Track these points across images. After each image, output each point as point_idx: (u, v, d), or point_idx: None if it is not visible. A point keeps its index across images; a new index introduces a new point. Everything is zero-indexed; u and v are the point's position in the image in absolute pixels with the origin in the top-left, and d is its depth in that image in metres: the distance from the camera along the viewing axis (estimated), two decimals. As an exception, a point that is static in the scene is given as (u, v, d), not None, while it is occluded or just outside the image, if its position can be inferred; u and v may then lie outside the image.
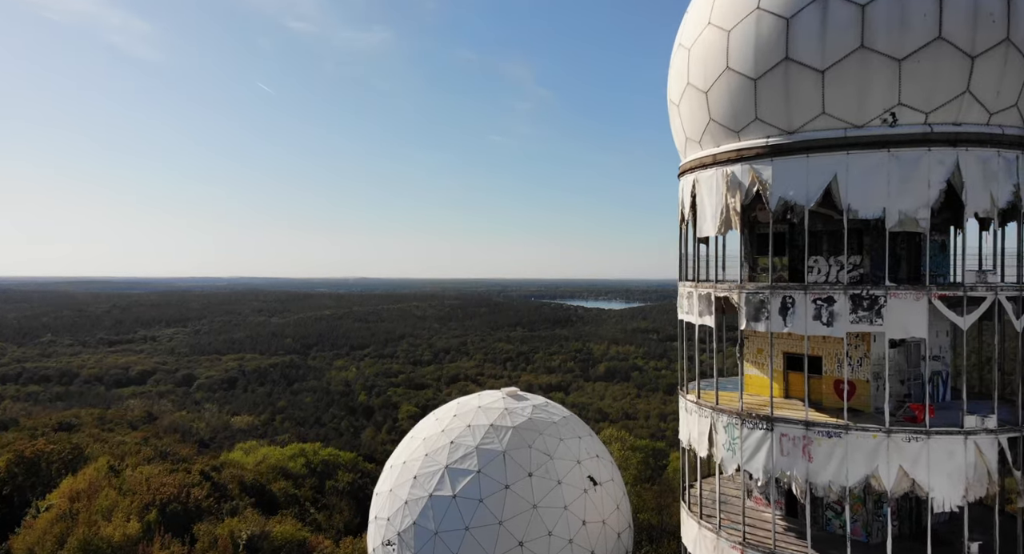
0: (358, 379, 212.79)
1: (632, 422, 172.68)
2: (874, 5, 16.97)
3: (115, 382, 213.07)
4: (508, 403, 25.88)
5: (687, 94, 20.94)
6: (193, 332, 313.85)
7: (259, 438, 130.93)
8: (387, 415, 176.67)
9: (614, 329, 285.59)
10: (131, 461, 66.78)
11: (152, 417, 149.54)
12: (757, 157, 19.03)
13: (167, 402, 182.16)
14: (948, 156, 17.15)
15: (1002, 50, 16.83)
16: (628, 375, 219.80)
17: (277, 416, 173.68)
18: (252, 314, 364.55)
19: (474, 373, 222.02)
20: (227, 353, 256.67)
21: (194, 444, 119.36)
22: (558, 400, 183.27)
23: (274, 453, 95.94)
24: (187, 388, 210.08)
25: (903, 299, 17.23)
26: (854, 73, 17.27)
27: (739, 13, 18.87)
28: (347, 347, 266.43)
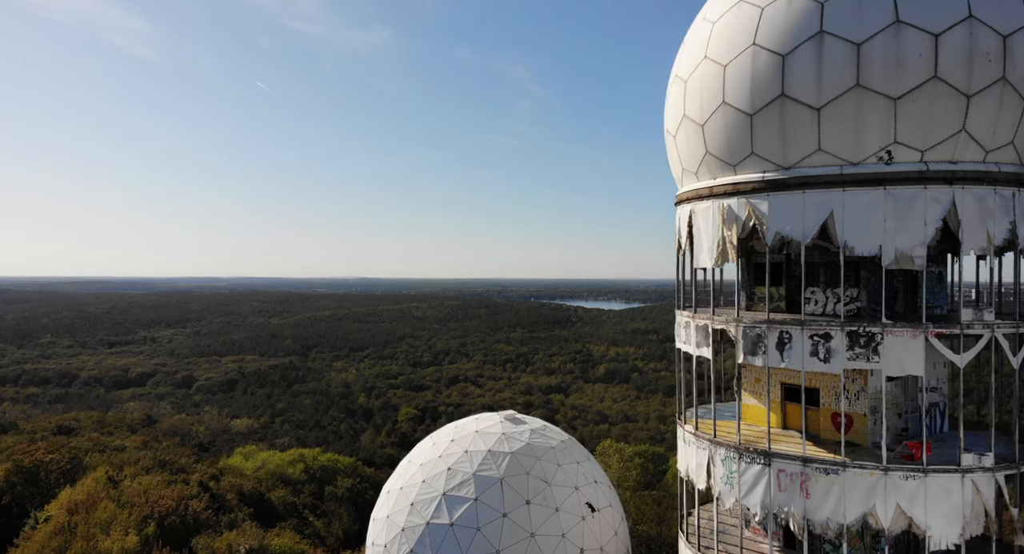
0: (358, 381, 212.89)
1: (632, 424, 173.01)
2: (870, 44, 16.95)
3: (115, 384, 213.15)
4: (506, 427, 25.87)
5: (683, 126, 20.92)
6: (193, 333, 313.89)
7: (258, 441, 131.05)
8: (387, 417, 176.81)
9: (614, 330, 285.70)
10: (130, 471, 66.80)
11: (152, 420, 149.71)
12: (754, 191, 19.02)
13: (166, 404, 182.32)
14: (944, 194, 17.15)
15: (998, 89, 16.81)
16: (628, 376, 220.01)
17: (277, 419, 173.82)
18: (252, 315, 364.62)
19: (474, 375, 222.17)
20: (227, 354, 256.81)
21: (193, 448, 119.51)
22: (558, 402, 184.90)
23: (273, 459, 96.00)
24: (187, 390, 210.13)
25: (900, 337, 17.23)
26: (850, 111, 17.26)
27: (735, 48, 18.84)
28: (347, 348, 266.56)
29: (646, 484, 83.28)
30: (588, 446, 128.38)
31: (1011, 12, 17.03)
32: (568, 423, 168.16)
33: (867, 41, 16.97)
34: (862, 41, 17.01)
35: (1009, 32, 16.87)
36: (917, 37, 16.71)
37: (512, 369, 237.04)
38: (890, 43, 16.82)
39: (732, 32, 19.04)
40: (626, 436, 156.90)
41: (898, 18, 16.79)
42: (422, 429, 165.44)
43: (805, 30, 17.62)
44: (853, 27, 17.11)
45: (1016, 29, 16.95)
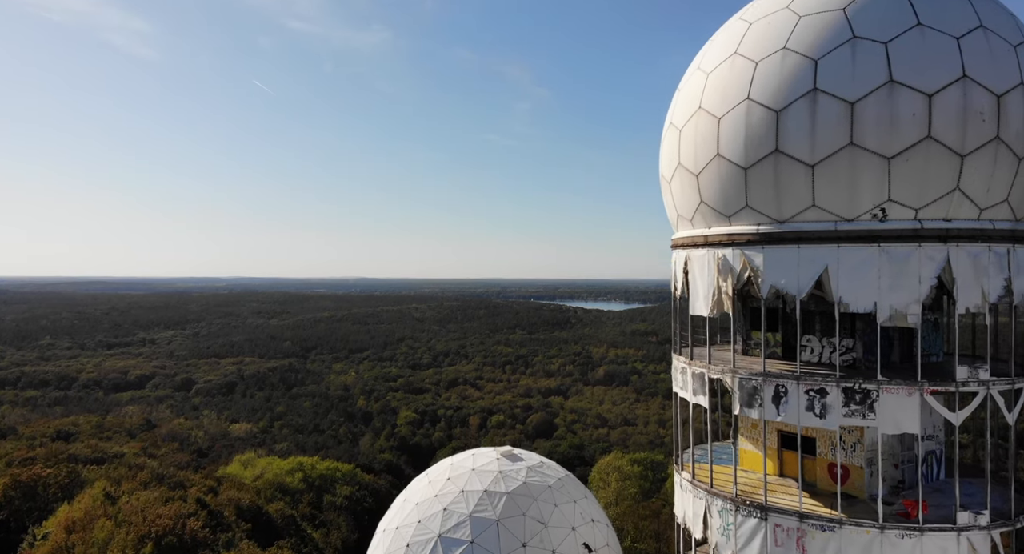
0: (357, 383, 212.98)
1: (631, 428, 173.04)
2: (863, 103, 16.92)
3: (113, 387, 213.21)
4: (502, 465, 25.89)
5: (678, 173, 20.89)
6: (192, 335, 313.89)
7: (257, 447, 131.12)
8: (386, 421, 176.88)
9: (613, 331, 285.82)
10: (127, 486, 66.84)
11: (151, 424, 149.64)
12: (748, 243, 19.01)
13: (165, 408, 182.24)
14: (939, 252, 17.14)
15: (992, 148, 16.79)
16: (627, 379, 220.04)
17: (276, 423, 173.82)
18: (251, 316, 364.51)
19: (473, 377, 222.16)
20: (226, 356, 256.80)
21: (192, 454, 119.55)
22: (557, 405, 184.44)
23: (272, 467, 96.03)
24: (186, 393, 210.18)
25: (895, 394, 17.24)
26: (844, 169, 17.25)
27: (729, 102, 18.81)
28: (346, 350, 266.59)
29: (645, 492, 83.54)
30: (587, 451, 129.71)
31: (1005, 71, 17.00)
32: (567, 427, 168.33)
33: (861, 100, 16.94)
34: (856, 100, 16.98)
35: (1003, 91, 16.85)
36: (911, 97, 16.68)
37: (511, 371, 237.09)
38: (884, 102, 16.78)
39: (726, 85, 19.01)
40: (625, 440, 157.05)
41: (892, 77, 16.77)
42: (421, 432, 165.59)
43: (799, 87, 17.59)
44: (847, 85, 17.08)
45: (1011, 88, 16.93)
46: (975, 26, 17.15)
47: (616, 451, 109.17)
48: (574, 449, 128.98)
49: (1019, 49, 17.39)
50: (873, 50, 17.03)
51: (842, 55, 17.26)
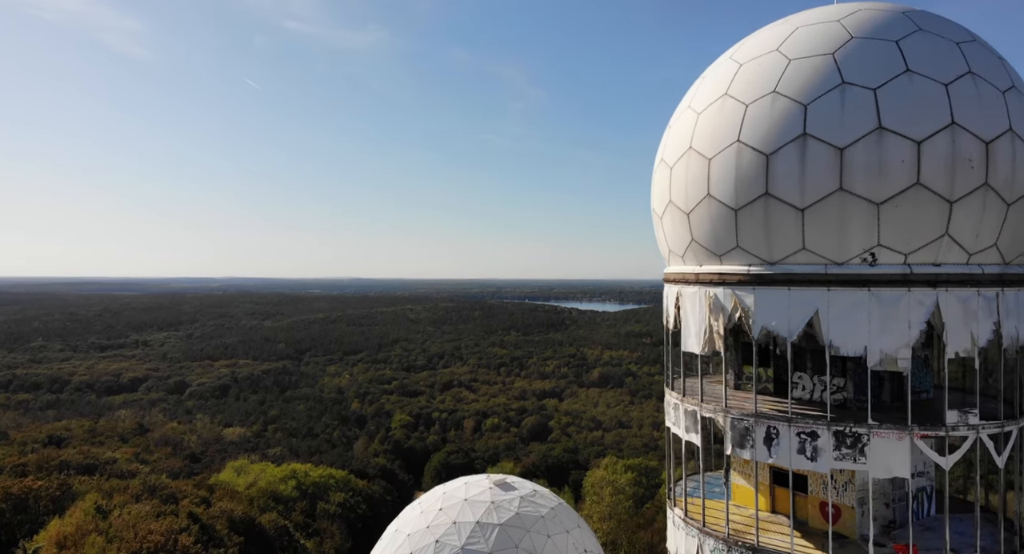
0: (351, 386, 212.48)
1: (626, 431, 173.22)
2: (852, 149, 16.94)
3: (106, 389, 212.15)
4: (495, 495, 25.85)
5: (669, 210, 20.89)
6: (185, 336, 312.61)
7: (251, 452, 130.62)
8: (380, 424, 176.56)
9: (608, 333, 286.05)
10: (119, 499, 66.55)
11: (143, 429, 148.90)
12: (739, 284, 19.02)
13: (158, 411, 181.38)
14: (928, 297, 17.19)
15: (981, 194, 16.84)
16: (622, 381, 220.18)
17: (269, 427, 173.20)
18: (245, 317, 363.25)
19: (468, 379, 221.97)
20: (219, 359, 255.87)
21: (185, 459, 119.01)
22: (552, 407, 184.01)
23: (265, 474, 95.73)
24: (179, 396, 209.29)
25: (886, 438, 17.29)
26: (833, 213, 17.27)
27: (720, 143, 18.81)
28: (340, 352, 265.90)
29: (639, 499, 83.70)
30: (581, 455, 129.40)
31: (993, 118, 17.04)
32: (562, 430, 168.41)
33: (850, 146, 16.96)
34: (845, 146, 16.99)
35: (992, 138, 16.90)
36: (900, 144, 16.71)
37: (506, 373, 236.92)
38: (872, 149, 16.80)
39: (717, 126, 19.00)
40: (620, 443, 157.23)
41: (880, 124, 16.79)
42: (416, 436, 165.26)
43: (788, 131, 17.60)
44: (836, 131, 17.09)
45: (999, 134, 16.98)
46: (964, 72, 17.19)
47: (610, 456, 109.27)
48: (568, 453, 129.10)
49: (1007, 94, 17.44)
50: (862, 96, 17.05)
51: (831, 101, 17.28)
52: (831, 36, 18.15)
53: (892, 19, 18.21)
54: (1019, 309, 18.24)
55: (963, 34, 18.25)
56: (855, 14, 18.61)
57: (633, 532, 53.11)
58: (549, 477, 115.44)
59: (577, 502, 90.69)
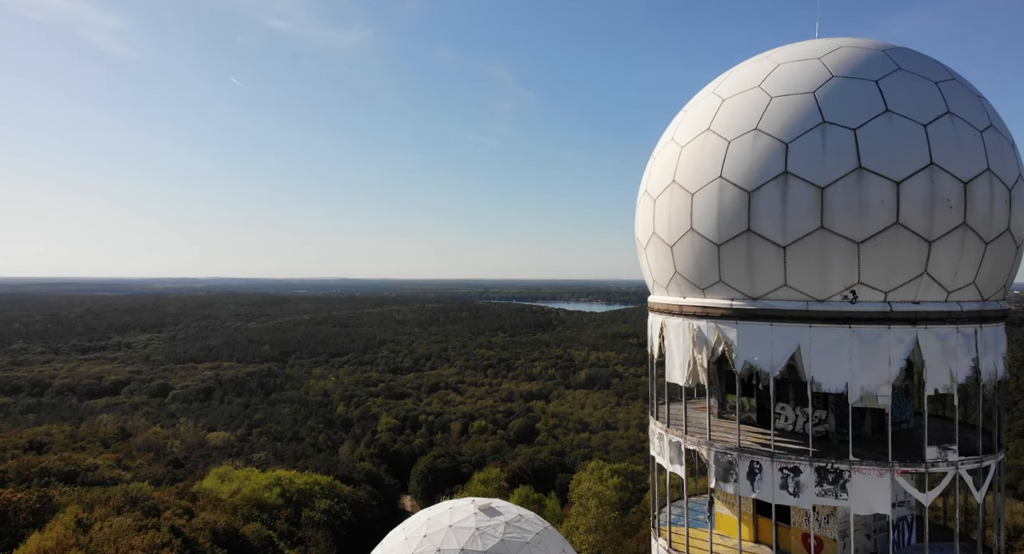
0: (337, 389, 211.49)
1: (612, 433, 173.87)
2: (833, 188, 17.07)
3: (88, 393, 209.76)
4: (480, 520, 25.82)
5: (653, 242, 20.94)
6: (169, 338, 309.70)
7: (235, 457, 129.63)
8: (366, 427, 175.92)
9: (595, 334, 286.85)
10: (100, 512, 65.80)
11: (125, 434, 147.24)
12: (723, 318, 19.11)
13: (141, 415, 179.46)
14: (908, 334, 17.36)
15: (959, 234, 17.03)
16: (608, 382, 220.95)
17: (254, 430, 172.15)
18: (229, 318, 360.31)
19: (455, 381, 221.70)
20: (203, 361, 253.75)
21: (168, 465, 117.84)
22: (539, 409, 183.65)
23: (250, 482, 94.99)
24: (162, 399, 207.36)
25: (867, 474, 17.46)
26: (815, 251, 17.38)
27: (702, 178, 18.87)
28: (326, 354, 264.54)
29: (625, 503, 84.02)
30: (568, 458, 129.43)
31: (971, 158, 17.24)
32: (549, 432, 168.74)
33: (830, 185, 17.08)
34: (826, 185, 17.11)
35: (970, 178, 17.09)
36: (879, 184, 16.85)
37: (493, 375, 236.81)
38: (853, 189, 16.94)
39: (699, 161, 19.07)
40: (607, 445, 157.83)
41: (860, 164, 16.92)
42: (402, 439, 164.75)
43: (770, 169, 17.69)
44: (817, 170, 17.21)
45: (977, 174, 17.18)
46: (942, 112, 17.36)
47: (596, 460, 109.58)
48: (555, 455, 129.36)
49: (985, 134, 17.64)
50: (842, 136, 17.18)
51: (812, 140, 17.39)
52: (812, 74, 18.27)
53: (872, 58, 18.35)
54: (997, 344, 18.49)
55: (942, 73, 18.44)
56: (836, 52, 18.74)
57: (619, 542, 53.33)
58: (536, 481, 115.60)
59: (563, 506, 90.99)
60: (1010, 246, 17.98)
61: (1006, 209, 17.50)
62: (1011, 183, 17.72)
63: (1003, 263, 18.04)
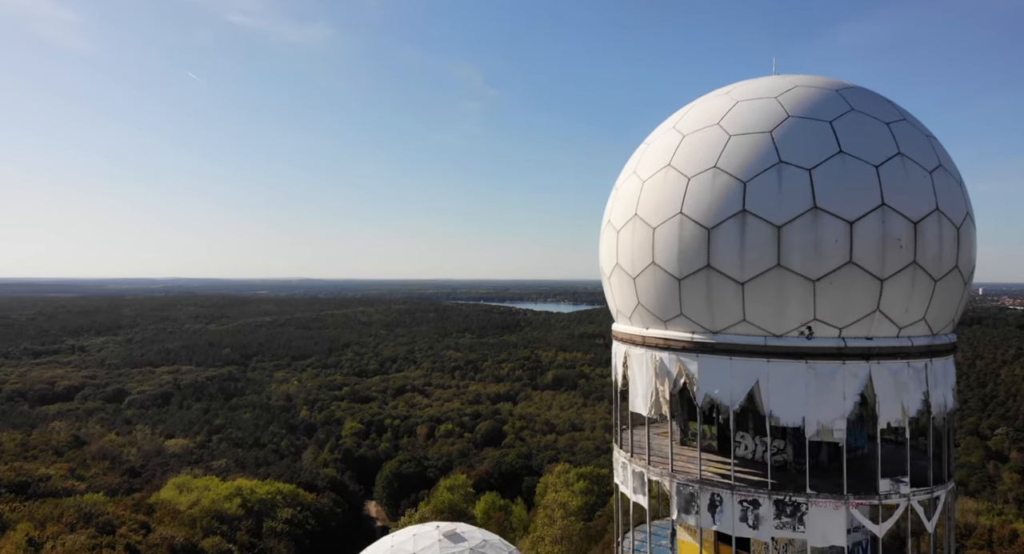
0: (300, 392, 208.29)
1: (579, 434, 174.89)
2: (789, 227, 17.41)
3: (40, 398, 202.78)
4: (444, 548, 25.69)
5: (617, 272, 21.08)
6: (125, 341, 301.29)
7: (193, 464, 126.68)
8: (330, 432, 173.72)
9: (562, 334, 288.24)
10: (52, 530, 63.65)
11: (79, 441, 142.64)
12: (684, 350, 19.33)
13: (95, 422, 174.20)
14: (861, 369, 17.81)
15: (910, 272, 17.53)
16: (575, 383, 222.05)
17: (214, 437, 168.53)
18: (188, 320, 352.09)
19: (421, 384, 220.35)
20: (161, 365, 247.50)
21: (123, 474, 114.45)
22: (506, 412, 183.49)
23: (209, 493, 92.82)
24: (118, 405, 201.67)
25: (823, 507, 17.87)
26: (772, 288, 17.70)
27: (664, 213, 19.06)
28: (288, 357, 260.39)
29: (591, 508, 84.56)
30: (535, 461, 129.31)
31: (921, 198, 17.78)
32: (516, 434, 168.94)
33: (787, 224, 17.42)
34: (782, 224, 17.45)
35: (919, 218, 17.60)
36: (833, 223, 17.25)
37: (460, 377, 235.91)
38: (808, 228, 17.31)
39: (661, 196, 19.27)
40: (573, 446, 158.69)
41: (815, 204, 17.30)
42: (367, 444, 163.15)
43: (729, 207, 17.97)
44: (774, 209, 17.53)
45: (926, 214, 17.71)
46: (893, 153, 17.85)
47: (563, 463, 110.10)
48: (522, 458, 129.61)
49: (934, 174, 18.20)
50: (798, 176, 17.54)
51: (769, 179, 17.71)
52: (769, 113, 18.61)
53: (826, 99, 18.78)
54: (946, 377, 19.11)
55: (893, 114, 18.96)
56: (792, 91, 19.12)
57: (584, 552, 53.74)
58: (502, 485, 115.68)
59: (529, 510, 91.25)
60: (958, 282, 18.59)
61: (954, 247, 18.09)
62: (959, 222, 18.32)
63: (952, 299, 18.64)
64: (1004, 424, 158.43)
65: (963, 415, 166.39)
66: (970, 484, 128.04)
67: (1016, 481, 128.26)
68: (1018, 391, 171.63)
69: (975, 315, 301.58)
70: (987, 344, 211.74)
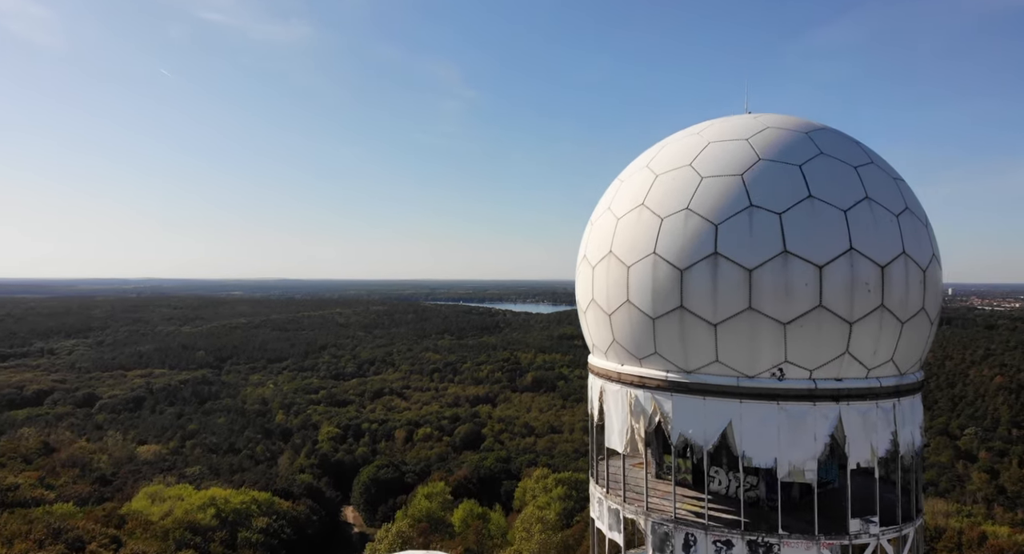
0: (275, 396, 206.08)
1: (557, 436, 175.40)
2: (760, 270, 17.56)
3: (8, 403, 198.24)
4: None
5: (592, 307, 21.11)
6: (96, 344, 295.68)
7: (167, 472, 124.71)
8: (306, 437, 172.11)
9: (540, 336, 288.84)
10: (20, 547, 62.29)
11: (49, 448, 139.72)
12: (658, 389, 19.43)
13: (65, 428, 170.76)
14: (832, 410, 18.05)
15: (878, 315, 17.79)
16: (554, 384, 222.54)
17: (187, 442, 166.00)
18: (161, 322, 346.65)
19: (399, 386, 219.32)
20: (133, 368, 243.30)
21: (94, 483, 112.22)
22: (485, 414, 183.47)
23: (182, 503, 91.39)
24: (88, 409, 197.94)
25: (795, 548, 18.08)
26: (744, 330, 17.85)
27: (638, 253, 19.12)
28: (264, 360, 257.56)
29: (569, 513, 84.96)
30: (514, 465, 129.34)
31: (888, 242, 18.05)
32: (495, 437, 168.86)
33: (758, 268, 17.57)
34: (753, 267, 17.59)
35: (886, 262, 17.87)
36: (803, 268, 17.44)
37: (439, 379, 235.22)
38: (779, 272, 17.47)
39: (635, 235, 19.32)
40: (551, 449, 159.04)
41: (786, 248, 17.47)
42: (344, 449, 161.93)
43: (701, 249, 18.08)
44: (745, 253, 17.68)
45: (893, 258, 17.98)
46: (861, 198, 18.10)
47: (541, 468, 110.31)
48: (501, 462, 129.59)
49: (901, 218, 18.48)
50: (769, 220, 17.70)
51: (740, 222, 17.85)
52: (740, 156, 18.76)
53: (796, 142, 18.98)
54: (914, 414, 19.45)
55: (861, 156, 19.22)
56: (763, 133, 19.29)
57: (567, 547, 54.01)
58: (481, 490, 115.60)
59: (508, 515, 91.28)
60: (925, 324, 18.91)
61: (920, 290, 18.39)
62: (925, 264, 18.63)
63: (919, 339, 18.96)
64: (973, 424, 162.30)
65: (933, 416, 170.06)
66: (940, 484, 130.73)
67: (985, 481, 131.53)
68: (986, 391, 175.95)
69: (944, 315, 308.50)
70: (956, 345, 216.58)
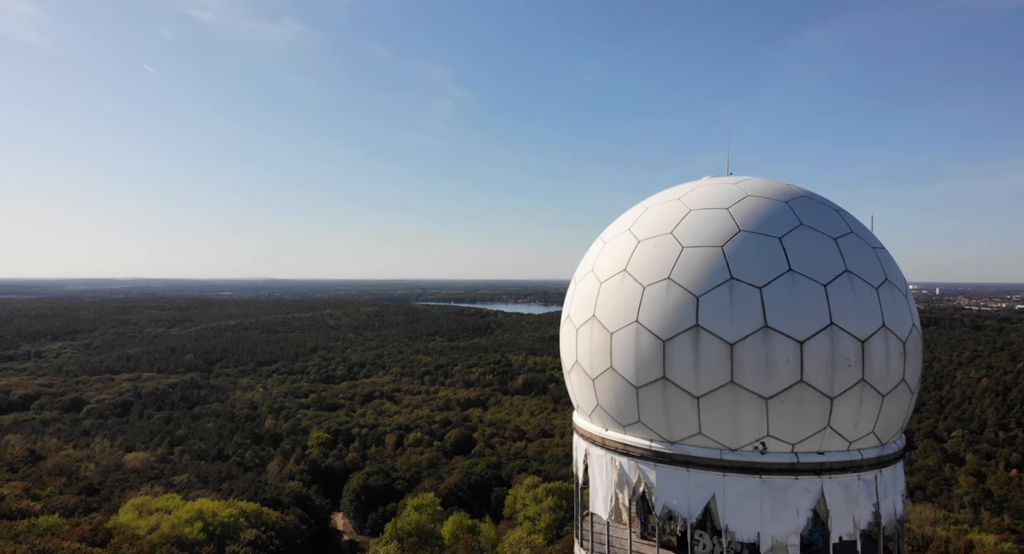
0: (265, 400, 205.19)
1: (548, 440, 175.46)
2: (742, 345, 17.46)
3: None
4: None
5: (576, 370, 20.97)
6: (83, 346, 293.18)
7: (154, 480, 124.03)
8: (296, 442, 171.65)
9: (532, 337, 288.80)
10: (4, 565, 61.65)
11: (36, 456, 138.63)
12: (642, 458, 19.32)
13: (52, 434, 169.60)
14: (814, 484, 18.00)
15: (858, 389, 17.74)
16: (545, 387, 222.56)
17: (176, 449, 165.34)
18: (150, 324, 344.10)
19: (390, 390, 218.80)
20: (121, 372, 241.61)
21: (81, 492, 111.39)
22: (476, 418, 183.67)
23: (169, 517, 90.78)
24: (75, 414, 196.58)
25: (777, 622, 18.03)
26: (726, 404, 17.75)
27: (620, 320, 18.99)
28: (253, 363, 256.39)
29: (559, 523, 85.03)
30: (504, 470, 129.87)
31: (868, 316, 17.98)
32: (486, 441, 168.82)
33: (739, 342, 17.46)
34: (734, 341, 17.49)
35: (866, 336, 17.81)
36: (784, 343, 17.35)
37: (430, 382, 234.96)
38: (760, 346, 17.37)
39: (618, 302, 19.18)
40: (542, 454, 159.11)
41: (766, 323, 17.37)
42: (334, 454, 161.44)
43: (683, 321, 17.94)
44: (726, 327, 17.56)
45: (873, 332, 17.92)
46: (841, 271, 18.03)
47: (531, 477, 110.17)
48: (491, 468, 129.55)
49: (880, 290, 18.43)
50: (749, 294, 17.59)
51: (721, 295, 17.74)
52: (721, 226, 18.65)
53: (776, 212, 18.88)
54: (895, 484, 19.43)
55: (841, 227, 19.14)
56: (743, 201, 19.19)
57: None
58: (471, 497, 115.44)
59: (497, 523, 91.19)
60: (905, 394, 18.89)
61: (901, 362, 18.36)
62: (905, 336, 18.59)
63: (899, 410, 18.94)
64: (960, 426, 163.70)
65: (920, 418, 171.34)
66: (927, 488, 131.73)
67: (972, 484, 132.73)
68: (973, 393, 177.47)
69: (932, 316, 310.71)
70: (943, 346, 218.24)
